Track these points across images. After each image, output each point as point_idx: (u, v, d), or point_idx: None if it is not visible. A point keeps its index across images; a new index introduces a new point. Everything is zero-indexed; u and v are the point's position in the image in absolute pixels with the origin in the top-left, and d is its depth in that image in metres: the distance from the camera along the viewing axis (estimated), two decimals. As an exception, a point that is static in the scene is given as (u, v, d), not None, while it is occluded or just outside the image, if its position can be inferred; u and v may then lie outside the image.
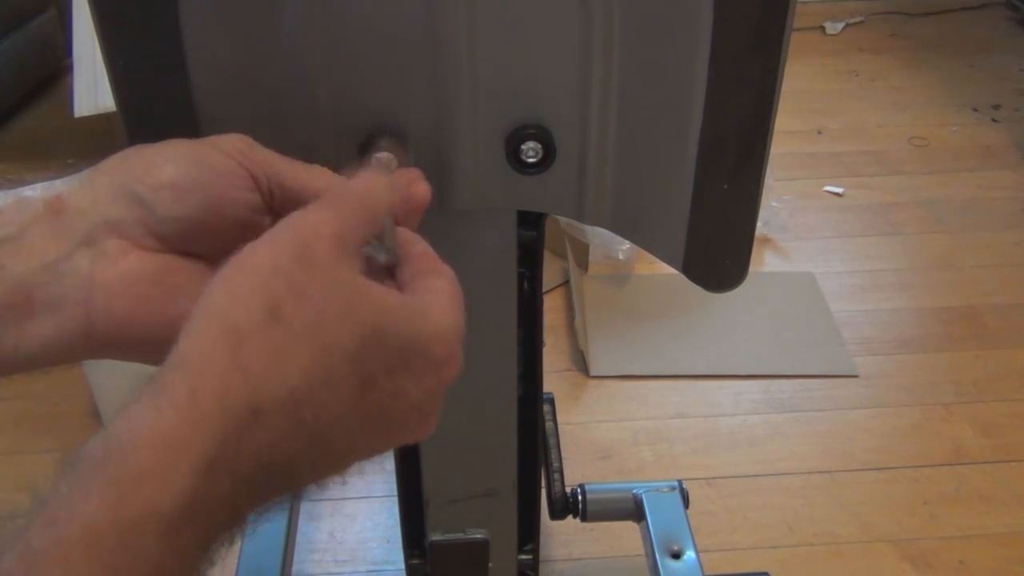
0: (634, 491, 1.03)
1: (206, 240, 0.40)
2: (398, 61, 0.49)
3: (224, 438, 0.31)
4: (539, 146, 0.51)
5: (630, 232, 0.55)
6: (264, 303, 0.32)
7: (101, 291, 0.38)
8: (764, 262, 1.70)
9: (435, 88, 0.50)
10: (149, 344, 0.39)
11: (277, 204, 0.41)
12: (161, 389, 0.31)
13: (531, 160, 0.52)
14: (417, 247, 0.41)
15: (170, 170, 0.39)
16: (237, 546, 0.97)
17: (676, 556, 0.96)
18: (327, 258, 0.34)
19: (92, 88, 1.58)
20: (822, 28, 2.52)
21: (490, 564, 0.81)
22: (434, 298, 0.38)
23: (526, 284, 0.68)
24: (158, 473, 0.29)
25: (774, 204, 1.72)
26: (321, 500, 1.26)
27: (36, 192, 0.39)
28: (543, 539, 1.02)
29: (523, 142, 0.51)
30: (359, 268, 0.36)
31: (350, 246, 0.36)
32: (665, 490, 1.03)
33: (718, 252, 0.55)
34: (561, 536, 1.20)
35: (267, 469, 0.32)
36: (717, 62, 0.46)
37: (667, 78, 0.48)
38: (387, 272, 0.40)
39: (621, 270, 1.65)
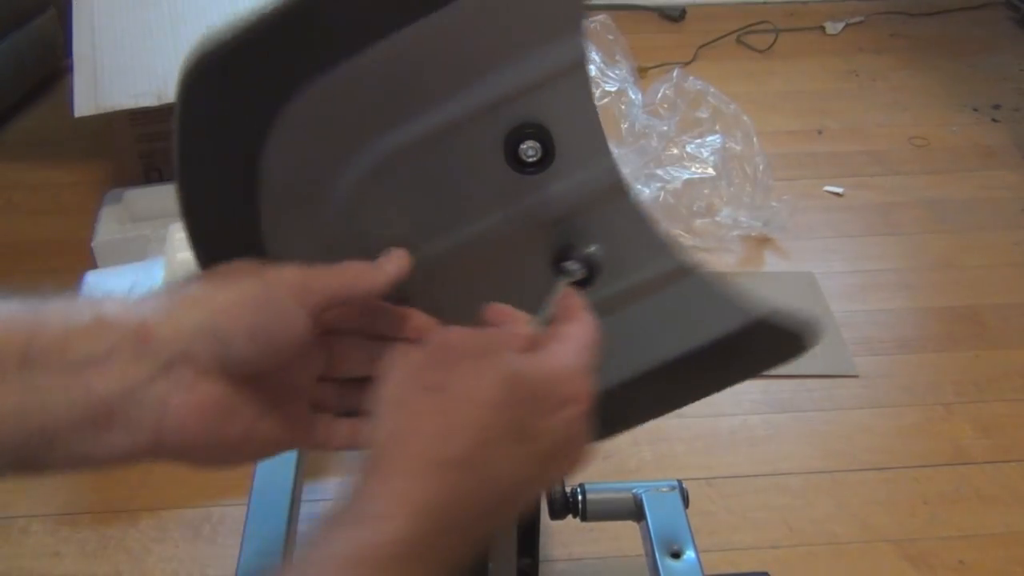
0: (634, 491, 1.03)
1: (260, 368, 0.46)
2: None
3: (427, 488, 0.39)
4: (538, 145, 0.51)
5: None
6: (423, 381, 0.42)
7: (174, 415, 0.44)
8: (764, 262, 1.69)
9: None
10: (205, 457, 0.46)
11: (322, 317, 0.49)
12: (382, 455, 0.41)
13: (531, 159, 0.52)
14: (566, 300, 0.50)
15: (247, 316, 0.45)
16: (237, 545, 0.97)
17: (676, 556, 0.96)
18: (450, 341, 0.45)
19: (92, 88, 1.58)
20: (822, 28, 2.52)
21: (490, 564, 0.81)
22: (561, 343, 0.45)
23: None
24: (390, 515, 0.39)
25: (774, 204, 1.72)
26: (321, 500, 1.26)
27: (115, 312, 0.45)
28: (543, 539, 1.02)
29: (522, 141, 0.51)
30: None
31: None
32: (665, 490, 1.02)
33: None
34: (561, 536, 1.20)
35: (467, 517, 0.41)
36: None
37: None
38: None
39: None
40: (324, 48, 0.48)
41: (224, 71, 0.49)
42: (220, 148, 0.51)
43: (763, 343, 0.58)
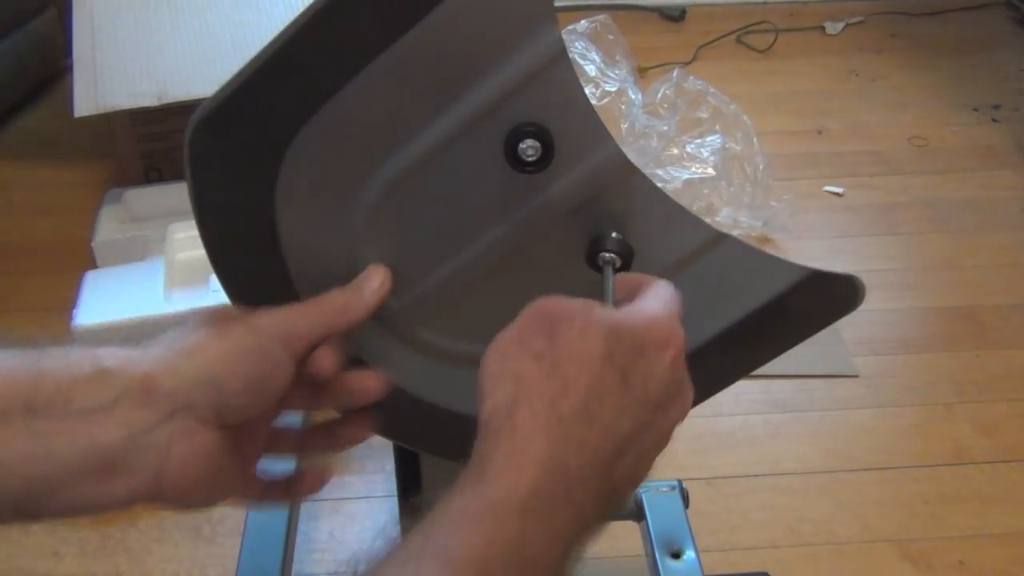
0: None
1: (251, 415, 0.49)
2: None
3: (548, 442, 0.41)
4: (537, 143, 0.51)
5: None
6: (526, 350, 0.44)
7: (175, 462, 0.47)
8: (764, 262, 1.69)
9: None
10: (199, 500, 0.49)
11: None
12: (500, 422, 0.42)
13: (531, 158, 0.52)
14: (623, 280, 0.52)
15: (242, 367, 0.48)
16: (237, 545, 0.97)
17: (676, 556, 0.96)
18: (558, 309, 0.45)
19: (92, 88, 1.58)
20: (822, 28, 2.52)
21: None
22: (645, 300, 0.47)
23: None
24: (512, 469, 0.40)
25: (774, 204, 1.72)
26: (321, 500, 1.26)
27: (117, 362, 0.46)
28: (543, 539, 1.02)
29: (520, 141, 0.51)
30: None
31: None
32: (665, 490, 1.02)
33: None
34: (561, 536, 1.20)
35: (588, 468, 0.42)
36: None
37: None
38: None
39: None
40: (311, 87, 0.50)
41: (223, 124, 0.51)
42: (233, 202, 0.53)
43: (813, 301, 0.58)
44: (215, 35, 1.65)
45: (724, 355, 0.59)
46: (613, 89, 1.77)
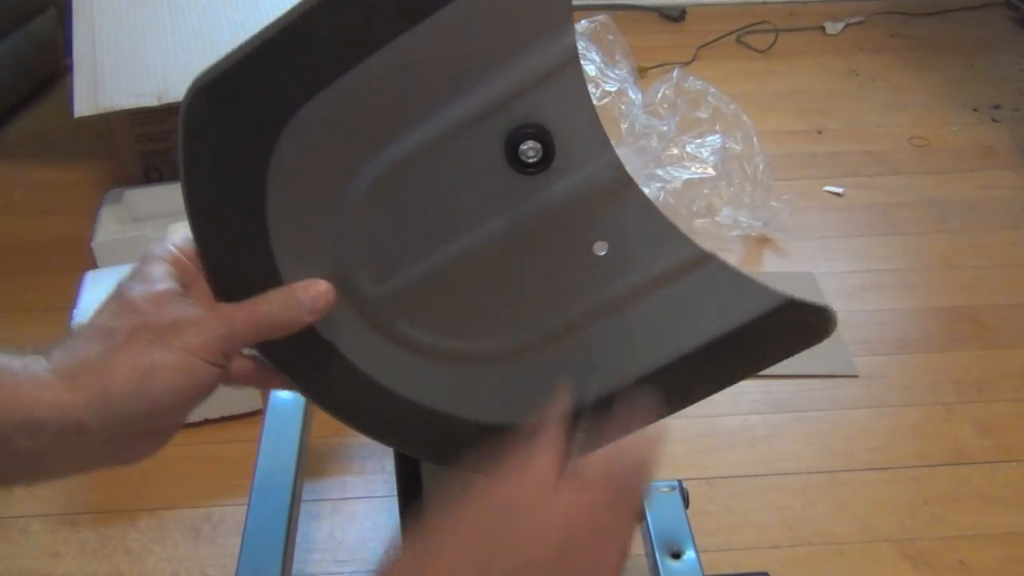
0: (634, 491, 1.03)
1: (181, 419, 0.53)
2: None
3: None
4: (538, 145, 0.51)
5: None
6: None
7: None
8: (764, 262, 1.69)
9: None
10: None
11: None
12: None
13: (531, 160, 0.52)
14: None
15: (171, 393, 0.49)
16: (237, 545, 0.97)
17: (676, 556, 0.96)
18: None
19: (92, 88, 1.58)
20: (822, 28, 2.52)
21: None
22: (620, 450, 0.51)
23: None
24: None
25: (774, 204, 1.72)
26: (321, 500, 1.26)
27: (47, 415, 0.47)
28: (543, 539, 1.02)
29: (522, 142, 0.51)
30: None
31: None
32: (665, 490, 1.03)
33: None
34: (561, 536, 1.20)
35: None
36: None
37: None
38: None
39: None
40: (320, 65, 0.49)
41: (226, 93, 0.50)
42: (224, 168, 0.52)
43: (788, 328, 0.59)
44: (214, 35, 1.65)
45: (695, 372, 0.60)
46: (613, 89, 1.77)
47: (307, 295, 0.53)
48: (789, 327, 0.59)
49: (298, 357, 0.57)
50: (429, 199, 0.54)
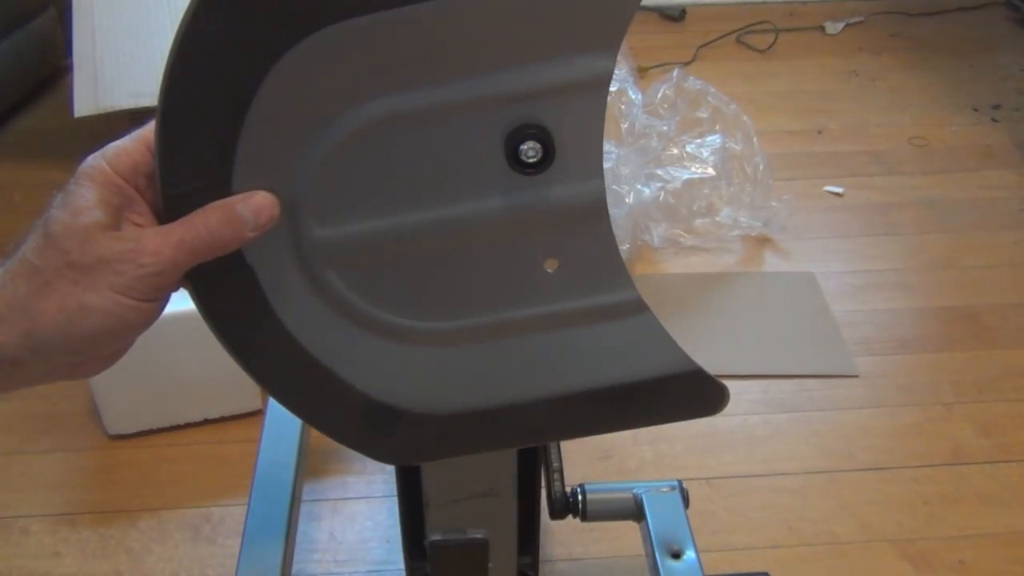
0: (634, 491, 1.03)
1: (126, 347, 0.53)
2: None
3: None
4: (540, 148, 0.51)
5: None
6: None
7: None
8: (764, 262, 1.69)
9: None
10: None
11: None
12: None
13: (529, 160, 0.52)
14: None
15: (106, 336, 0.49)
16: (237, 545, 0.97)
17: (676, 556, 0.96)
18: None
19: (92, 88, 1.59)
20: (822, 28, 2.52)
21: (490, 564, 0.81)
22: None
23: None
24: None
25: (774, 204, 1.72)
26: (321, 500, 1.26)
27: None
28: (543, 539, 1.02)
29: (525, 140, 0.51)
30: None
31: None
32: (665, 490, 1.03)
33: None
34: (561, 536, 1.20)
35: None
36: None
37: None
38: None
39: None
40: None
41: (229, 9, 0.48)
42: (226, 54, 0.49)
43: (685, 393, 0.61)
44: (215, 35, 1.65)
45: (589, 409, 0.61)
46: (613, 89, 1.77)
47: (248, 208, 0.50)
48: (688, 393, 0.61)
49: (222, 292, 0.55)
50: (413, 162, 0.53)
